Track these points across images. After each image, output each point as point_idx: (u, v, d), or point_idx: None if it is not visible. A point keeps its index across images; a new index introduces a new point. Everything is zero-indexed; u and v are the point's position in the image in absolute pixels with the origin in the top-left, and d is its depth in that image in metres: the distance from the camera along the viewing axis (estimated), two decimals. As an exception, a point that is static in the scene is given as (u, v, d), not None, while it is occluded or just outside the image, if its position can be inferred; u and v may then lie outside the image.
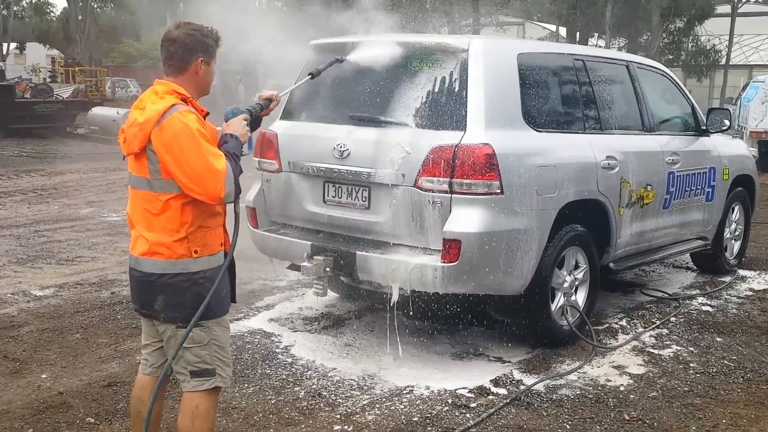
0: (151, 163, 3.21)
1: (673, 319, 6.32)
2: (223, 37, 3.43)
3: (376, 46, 5.55)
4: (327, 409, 4.51)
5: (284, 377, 4.95)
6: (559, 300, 5.54)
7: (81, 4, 50.41)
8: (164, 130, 3.13)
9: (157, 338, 3.48)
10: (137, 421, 3.53)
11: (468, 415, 4.45)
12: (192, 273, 3.25)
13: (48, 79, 34.55)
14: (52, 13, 60.90)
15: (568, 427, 4.36)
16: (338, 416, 4.41)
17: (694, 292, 7.21)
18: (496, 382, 4.92)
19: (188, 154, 3.12)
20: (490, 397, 4.72)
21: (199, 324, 3.28)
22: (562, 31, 42.70)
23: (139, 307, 3.46)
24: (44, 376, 4.93)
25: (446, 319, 5.66)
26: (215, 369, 3.35)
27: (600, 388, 4.90)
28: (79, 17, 49.30)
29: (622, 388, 4.90)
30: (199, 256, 3.26)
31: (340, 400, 4.62)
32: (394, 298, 5.05)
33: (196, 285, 3.25)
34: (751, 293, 7.23)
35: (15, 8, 52.56)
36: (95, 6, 55.45)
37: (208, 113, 3.35)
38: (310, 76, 4.59)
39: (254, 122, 3.59)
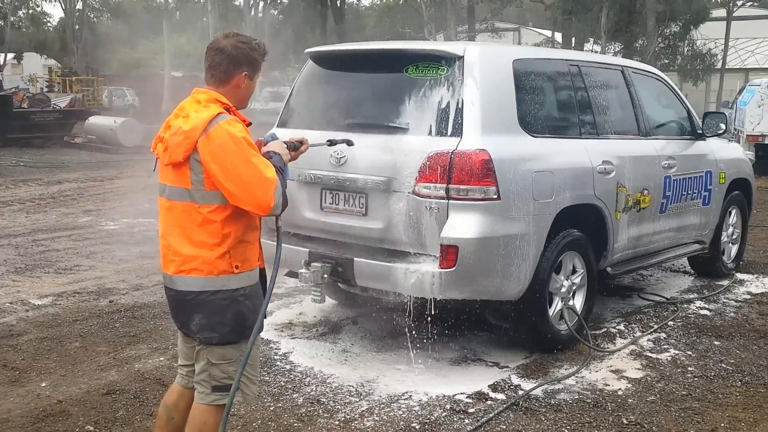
0: (195, 174, 3.10)
1: (670, 323, 6.33)
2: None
3: (372, 53, 5.58)
4: (326, 415, 4.51)
5: (283, 384, 4.96)
6: (557, 305, 5.55)
7: (77, 14, 50.51)
8: (211, 138, 3.04)
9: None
10: (166, 427, 3.48)
11: (466, 421, 4.45)
12: (232, 290, 3.16)
13: (45, 89, 34.64)
14: (48, 23, 61.03)
15: (566, 431, 4.36)
16: (337, 423, 4.41)
17: (691, 296, 7.22)
18: (494, 387, 4.93)
19: (237, 163, 3.03)
20: (489, 402, 4.72)
21: (232, 342, 3.21)
22: (558, 36, 42.76)
23: (179, 327, 3.39)
24: (43, 384, 4.93)
25: (444, 324, 5.67)
26: (239, 386, 3.24)
27: (598, 392, 4.91)
28: (76, 27, 49.39)
29: (620, 392, 4.90)
30: (240, 272, 3.17)
31: (339, 407, 4.62)
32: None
33: (236, 303, 3.17)
34: (748, 297, 7.24)
35: (12, 18, 52.58)
36: (92, 16, 55.53)
37: (250, 123, 3.27)
38: (328, 143, 4.43)
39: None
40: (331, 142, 4.43)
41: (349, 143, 4.55)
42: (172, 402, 3.50)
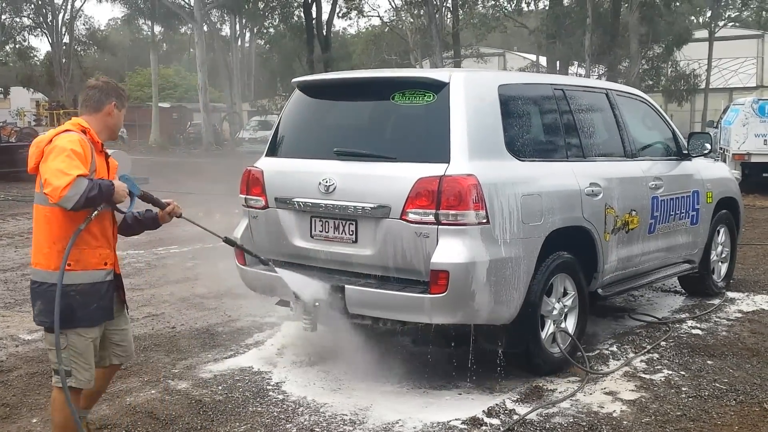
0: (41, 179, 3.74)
1: (663, 343, 6.33)
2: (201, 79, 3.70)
3: (359, 81, 5.61)
4: (320, 445, 4.47)
5: (276, 414, 4.92)
6: (549, 327, 5.55)
7: (64, 47, 50.63)
8: (51, 145, 3.72)
9: None
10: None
11: (462, 447, 4.42)
12: (64, 285, 3.72)
13: (33, 123, 34.63)
14: (35, 57, 61.08)
15: (562, 455, 4.34)
16: (331, 452, 4.37)
17: (683, 316, 7.23)
18: (489, 413, 4.90)
19: (54, 158, 3.64)
20: (484, 428, 4.70)
21: (60, 331, 3.76)
22: (543, 60, 43.12)
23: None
24: (34, 420, 4.88)
25: (438, 349, 5.65)
26: (71, 371, 3.86)
27: (593, 415, 4.89)
28: (63, 60, 49.50)
29: (615, 415, 4.89)
30: (71, 270, 3.76)
31: (333, 436, 4.59)
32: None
33: (66, 296, 3.74)
34: (740, 315, 7.26)
35: (-2, 54, 52.71)
36: (79, 49, 55.65)
37: (102, 146, 3.93)
38: (224, 239, 4.79)
39: (144, 201, 4.16)
40: (228, 241, 4.90)
41: (265, 262, 5.25)
42: None
